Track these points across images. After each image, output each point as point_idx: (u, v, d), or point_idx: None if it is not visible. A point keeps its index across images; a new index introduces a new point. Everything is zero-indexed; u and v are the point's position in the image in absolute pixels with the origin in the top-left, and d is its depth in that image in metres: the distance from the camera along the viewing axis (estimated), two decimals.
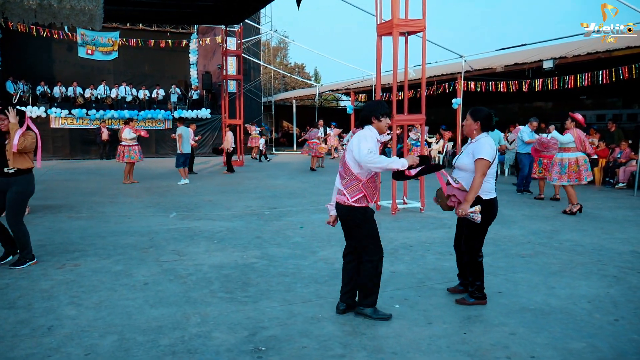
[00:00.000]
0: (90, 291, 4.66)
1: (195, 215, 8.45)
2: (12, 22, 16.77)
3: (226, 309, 4.23)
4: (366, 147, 3.80)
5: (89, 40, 24.39)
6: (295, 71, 47.59)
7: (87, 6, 10.67)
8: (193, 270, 5.33)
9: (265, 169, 17.65)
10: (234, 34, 21.66)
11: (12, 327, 3.83)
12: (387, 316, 4.04)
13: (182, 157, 12.98)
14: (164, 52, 24.99)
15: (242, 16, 16.85)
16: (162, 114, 22.44)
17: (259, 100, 26.94)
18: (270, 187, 12.34)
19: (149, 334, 3.71)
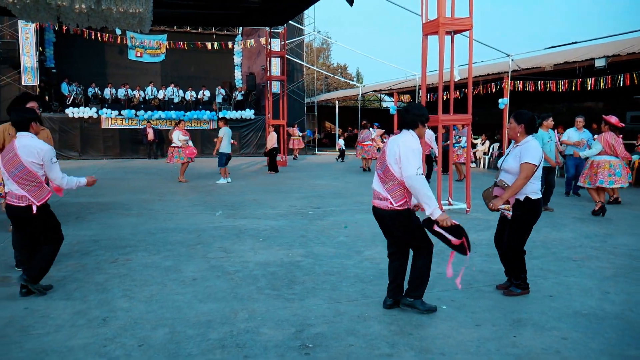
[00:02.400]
0: (141, 285, 4.80)
1: (241, 214, 8.58)
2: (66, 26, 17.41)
3: (273, 305, 4.28)
4: (416, 166, 3.81)
5: (138, 43, 25.14)
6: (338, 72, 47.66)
7: (137, 9, 10.98)
8: (240, 267, 5.42)
9: (309, 169, 17.74)
10: (278, 35, 21.86)
11: (70, 317, 3.99)
12: (434, 308, 4.10)
13: (224, 156, 13.17)
14: (210, 54, 25.46)
15: (287, 17, 16.97)
16: (207, 114, 22.86)
17: (301, 101, 27.10)
18: (314, 187, 12.40)
19: (198, 328, 3.79)
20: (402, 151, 3.84)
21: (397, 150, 3.88)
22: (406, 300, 4.09)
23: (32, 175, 4.36)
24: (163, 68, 25.71)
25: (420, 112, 4.02)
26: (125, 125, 22.05)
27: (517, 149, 4.44)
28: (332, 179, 14.36)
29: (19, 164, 4.32)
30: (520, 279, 4.55)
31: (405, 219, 3.98)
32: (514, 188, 4.26)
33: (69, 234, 6.99)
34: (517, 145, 4.47)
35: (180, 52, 24.81)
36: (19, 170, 4.33)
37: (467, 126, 9.78)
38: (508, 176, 4.42)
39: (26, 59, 21.05)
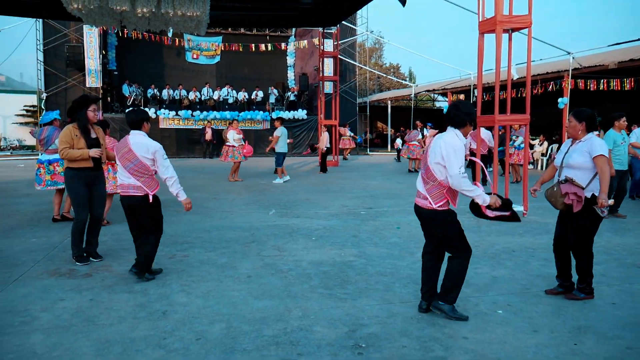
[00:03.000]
0: (198, 281, 4.94)
1: (293, 213, 8.67)
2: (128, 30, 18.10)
3: (326, 304, 4.31)
4: (458, 165, 3.77)
5: (195, 46, 25.81)
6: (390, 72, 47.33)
7: (195, 12, 11.29)
8: (293, 265, 5.48)
9: (360, 169, 17.72)
10: (331, 35, 21.96)
11: (132, 309, 4.16)
12: (464, 317, 3.99)
13: (282, 156, 13.33)
14: (263, 55, 25.86)
15: (340, 18, 17.01)
16: (260, 114, 23.22)
17: (354, 101, 27.09)
18: (366, 187, 12.38)
19: (253, 324, 3.87)
20: (445, 152, 3.81)
21: (439, 150, 3.85)
22: (437, 303, 4.04)
23: (146, 167, 4.83)
24: (218, 69, 26.34)
25: (470, 111, 3.96)
26: (182, 125, 22.70)
27: (580, 144, 4.44)
28: (383, 179, 14.29)
29: (134, 158, 4.79)
30: (586, 282, 4.43)
31: (443, 219, 3.95)
32: (606, 179, 4.25)
33: None
34: (580, 142, 4.46)
35: (235, 54, 25.32)
36: (134, 163, 4.79)
37: (524, 126, 9.52)
38: (573, 172, 4.39)
39: (90, 62, 22.04)
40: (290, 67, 27.32)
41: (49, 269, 5.28)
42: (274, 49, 25.58)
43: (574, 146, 4.49)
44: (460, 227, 4.01)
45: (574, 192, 4.30)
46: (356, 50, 27.82)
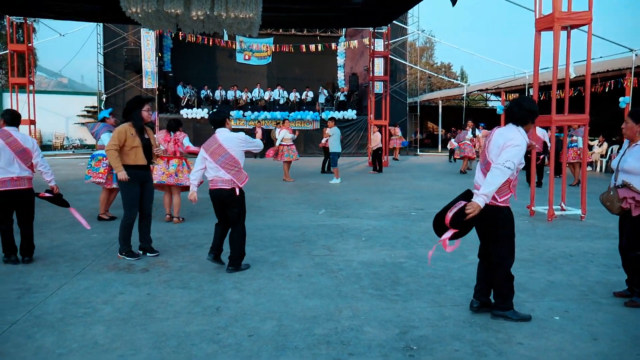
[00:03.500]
0: (250, 278, 5.02)
1: (343, 213, 8.69)
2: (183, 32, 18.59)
3: (376, 305, 4.30)
4: (509, 159, 3.69)
5: (246, 47, 26.26)
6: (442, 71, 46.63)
7: (247, 14, 11.49)
8: (343, 265, 5.49)
9: (410, 169, 17.55)
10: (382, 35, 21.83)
11: (187, 305, 4.28)
12: (527, 317, 3.94)
13: (337, 156, 13.36)
14: (313, 56, 26.00)
15: (391, 17, 16.92)
16: (310, 115, 23.36)
17: (404, 101, 26.85)
18: (417, 188, 12.25)
19: (304, 323, 3.90)
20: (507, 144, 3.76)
21: (501, 142, 3.79)
22: (496, 311, 3.99)
23: (235, 161, 5.20)
24: (269, 70, 26.68)
25: (533, 108, 3.90)
26: (234, 125, 23.09)
27: (636, 148, 4.30)
28: (434, 180, 14.10)
29: (225, 152, 5.16)
30: None
31: (504, 215, 3.90)
32: None
33: (184, 227, 7.49)
34: (636, 145, 4.32)
35: (286, 55, 25.57)
36: (225, 157, 5.15)
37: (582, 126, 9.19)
38: (629, 177, 4.24)
39: (147, 64, 22.77)
40: (340, 67, 27.35)
41: (108, 264, 5.50)
42: (324, 49, 25.67)
43: (630, 149, 4.35)
44: (513, 230, 3.95)
45: (632, 196, 4.18)
46: (407, 49, 27.57)
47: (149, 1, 11.10)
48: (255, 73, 26.42)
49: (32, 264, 5.47)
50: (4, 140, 5.40)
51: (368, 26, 18.89)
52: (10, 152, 5.40)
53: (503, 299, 3.95)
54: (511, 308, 3.96)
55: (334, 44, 26.40)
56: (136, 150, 5.64)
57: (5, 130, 5.49)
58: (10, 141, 5.42)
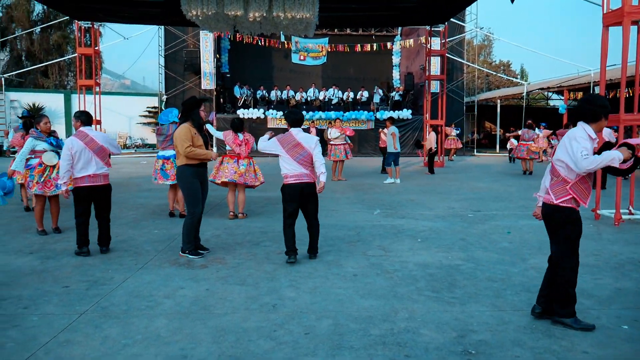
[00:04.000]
0: (306, 277, 5.06)
1: (398, 214, 8.61)
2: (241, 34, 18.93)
3: (433, 307, 4.24)
4: (579, 149, 3.60)
5: (302, 47, 26.47)
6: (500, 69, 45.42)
7: (305, 15, 11.58)
8: (399, 266, 5.45)
9: (467, 170, 17.18)
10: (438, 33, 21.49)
11: (244, 301, 4.36)
12: (590, 327, 3.77)
13: (392, 155, 13.28)
14: (368, 55, 25.89)
15: (448, 15, 16.61)
16: (365, 114, 23.27)
17: (461, 100, 26.32)
18: (473, 189, 11.98)
19: (360, 323, 3.90)
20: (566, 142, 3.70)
21: (567, 144, 3.70)
22: (556, 318, 3.86)
23: (311, 159, 5.63)
24: (324, 70, 26.79)
25: (603, 104, 3.78)
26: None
27: None
28: (492, 181, 13.74)
29: (303, 151, 5.59)
30: None
31: (564, 215, 3.78)
32: None
33: (241, 225, 7.64)
34: None
35: (341, 54, 25.60)
36: (303, 155, 5.58)
37: None
38: None
39: (205, 65, 23.35)
40: (395, 66, 27.12)
41: (170, 259, 5.68)
42: (379, 48, 25.52)
43: None
44: (578, 233, 3.82)
45: None
46: (464, 47, 27.00)
47: (209, 4, 11.38)
48: (310, 73, 26.59)
49: (98, 258, 5.72)
50: (82, 141, 5.80)
51: (425, 25, 18.62)
52: (89, 152, 5.80)
53: (561, 305, 3.81)
54: (572, 316, 3.80)
55: (390, 43, 26.20)
56: (199, 149, 5.77)
57: (82, 131, 5.88)
58: (88, 141, 5.82)
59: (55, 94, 27.82)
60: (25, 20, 33.45)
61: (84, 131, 5.88)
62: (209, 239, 6.65)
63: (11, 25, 34.03)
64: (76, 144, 5.76)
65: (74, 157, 5.73)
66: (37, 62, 31.98)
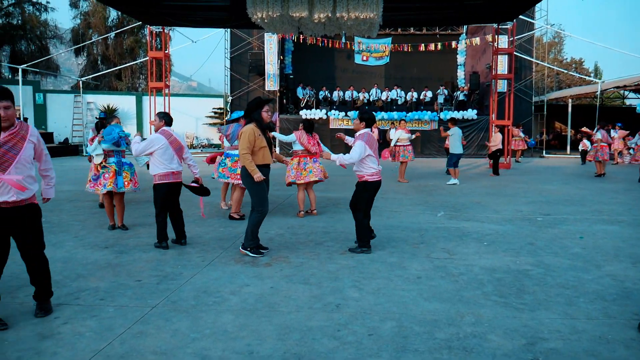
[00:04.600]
0: (369, 278, 5.04)
1: (463, 216, 8.42)
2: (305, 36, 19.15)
3: (501, 313, 4.12)
4: None
5: (365, 48, 26.39)
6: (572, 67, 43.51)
7: (368, 15, 11.55)
8: (464, 269, 5.33)
9: (535, 172, 16.57)
10: (506, 31, 20.85)
11: (308, 300, 4.40)
12: None
13: (455, 157, 13.04)
14: (432, 55, 25.49)
15: (517, 12, 16.08)
16: (428, 115, 22.92)
17: (529, 100, 25.41)
18: (543, 191, 11.53)
19: (424, 326, 3.84)
20: None
21: None
22: None
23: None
24: (387, 70, 26.62)
25: None
26: (351, 125, 23.29)
27: None
28: (562, 183, 13.18)
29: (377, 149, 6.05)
30: None
31: None
32: None
33: (304, 224, 7.71)
34: None
35: (404, 54, 25.34)
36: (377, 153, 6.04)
37: None
38: None
39: (269, 67, 23.74)
40: (460, 65, 26.55)
41: (235, 257, 5.81)
42: (444, 47, 25.06)
43: None
44: None
45: None
46: (533, 45, 26.04)
47: (274, 6, 11.57)
48: (373, 73, 26.48)
49: (168, 254, 5.93)
50: (167, 140, 6.20)
51: (492, 22, 18.12)
52: (171, 150, 6.19)
53: None
54: None
55: (454, 42, 25.67)
56: (264, 150, 5.86)
57: (166, 130, 6.31)
58: (171, 140, 6.24)
59: (128, 96, 29.13)
60: (101, 26, 35.26)
61: (167, 130, 6.30)
62: (272, 237, 6.76)
63: (88, 32, 35.95)
64: (162, 140, 6.16)
65: (156, 151, 6.11)
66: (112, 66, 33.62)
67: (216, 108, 28.91)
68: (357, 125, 6.27)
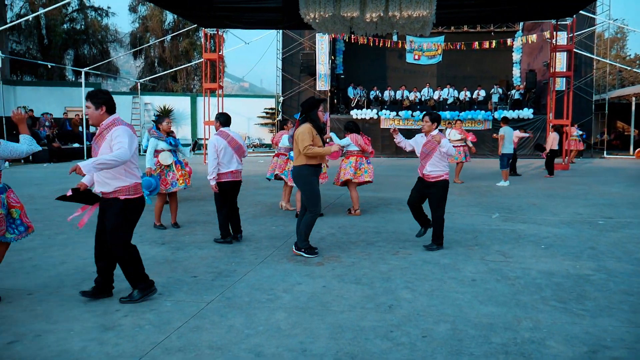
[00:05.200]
0: (422, 279, 4.98)
1: (519, 218, 8.19)
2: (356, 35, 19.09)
3: (560, 319, 3.98)
4: None
5: (417, 47, 26.12)
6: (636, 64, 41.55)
7: (422, 13, 11.41)
8: (521, 273, 5.18)
9: (594, 174, 15.91)
10: (565, 27, 20.13)
11: (360, 300, 4.39)
12: None
13: (506, 157, 12.71)
14: (486, 53, 24.94)
15: (578, 7, 15.51)
16: (482, 114, 22.42)
17: (589, 98, 24.44)
18: (604, 194, 11.07)
19: (480, 329, 3.76)
20: None
21: None
22: None
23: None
24: (439, 69, 26.25)
25: None
26: (402, 125, 23.12)
27: None
28: (626, 186, 12.60)
29: None
30: None
31: None
32: None
33: (355, 224, 7.70)
34: None
35: (457, 53, 24.93)
36: None
37: None
38: None
39: (320, 67, 23.86)
40: (516, 63, 25.83)
41: (287, 255, 5.87)
42: (499, 45, 24.44)
43: None
44: None
45: None
46: (594, 41, 25.02)
47: (326, 7, 11.62)
48: (425, 72, 26.16)
49: (222, 251, 6.06)
50: (225, 140, 6.37)
51: (551, 18, 17.53)
52: (230, 150, 6.37)
53: None
54: None
55: (510, 39, 25.01)
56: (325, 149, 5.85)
57: (223, 131, 6.49)
58: (229, 140, 6.41)
59: (183, 97, 29.92)
60: (158, 30, 36.39)
61: (225, 131, 6.47)
62: (324, 237, 6.79)
63: (146, 35, 37.17)
64: (220, 142, 6.34)
65: (219, 154, 6.31)
66: (168, 68, 34.62)
67: (267, 108, 29.28)
68: (429, 127, 6.26)
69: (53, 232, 7.02)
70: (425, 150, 6.28)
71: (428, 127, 6.26)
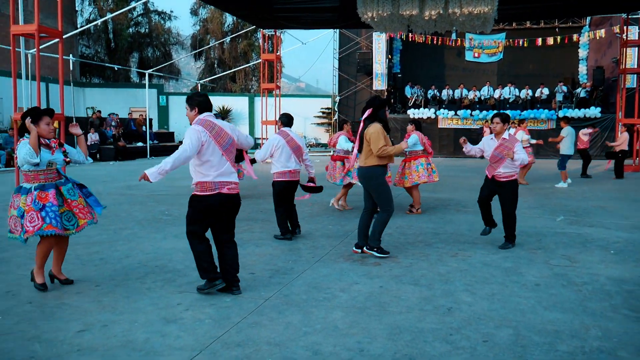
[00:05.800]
0: (482, 282, 4.85)
1: (586, 222, 7.84)
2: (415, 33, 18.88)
3: (632, 329, 3.77)
4: None
5: (476, 44, 25.47)
6: None
7: (483, 9, 11.11)
8: (588, 279, 4.95)
9: None
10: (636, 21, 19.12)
11: (418, 301, 4.31)
12: None
13: (567, 158, 12.22)
14: (550, 50, 24.01)
15: None
16: (545, 113, 21.62)
17: None
18: None
19: (545, 336, 3.62)
20: None
21: None
22: None
23: None
24: (499, 67, 25.51)
25: None
26: (460, 125, 22.64)
27: None
28: None
29: None
30: None
31: None
32: None
33: (412, 224, 7.60)
34: None
35: (519, 50, 24.13)
36: None
37: None
38: None
39: (377, 66, 23.72)
40: (582, 60, 24.74)
41: (344, 254, 5.86)
42: (563, 41, 23.49)
43: None
44: None
45: None
46: None
47: (384, 5, 11.51)
48: (485, 71, 25.49)
49: (279, 249, 6.12)
50: (284, 139, 6.51)
51: (621, 12, 16.69)
52: (289, 149, 6.48)
53: None
54: None
55: (576, 35, 23.98)
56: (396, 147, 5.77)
57: (283, 130, 6.66)
58: (288, 140, 6.53)
59: (241, 97, 30.49)
60: (218, 32, 37.29)
61: (285, 130, 6.62)
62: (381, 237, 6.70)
63: (206, 37, 38.17)
64: (279, 141, 6.49)
65: (275, 151, 6.45)
66: (227, 69, 35.40)
67: (324, 108, 29.38)
68: (501, 128, 6.12)
69: (118, 227, 7.30)
70: (497, 154, 6.07)
71: (500, 128, 6.09)
